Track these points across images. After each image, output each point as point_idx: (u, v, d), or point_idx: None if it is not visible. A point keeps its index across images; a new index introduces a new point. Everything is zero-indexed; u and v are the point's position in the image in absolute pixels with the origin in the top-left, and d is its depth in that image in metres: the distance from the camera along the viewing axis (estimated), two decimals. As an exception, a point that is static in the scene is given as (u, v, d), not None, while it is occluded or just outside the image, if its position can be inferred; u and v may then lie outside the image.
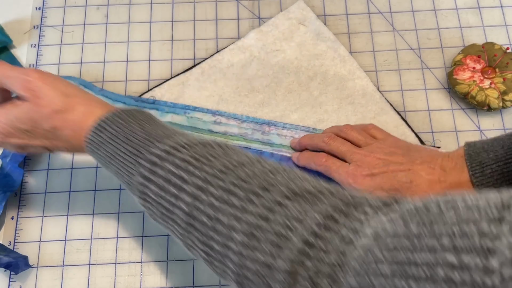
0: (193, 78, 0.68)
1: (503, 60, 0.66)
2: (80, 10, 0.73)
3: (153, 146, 0.43)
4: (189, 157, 0.41)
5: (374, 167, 0.53)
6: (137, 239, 0.61)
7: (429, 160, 0.52)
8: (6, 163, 0.64)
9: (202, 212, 0.39)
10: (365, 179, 0.53)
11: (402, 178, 0.52)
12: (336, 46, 0.69)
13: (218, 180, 0.39)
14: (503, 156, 0.49)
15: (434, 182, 0.51)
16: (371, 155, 0.54)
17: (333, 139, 0.58)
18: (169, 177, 0.41)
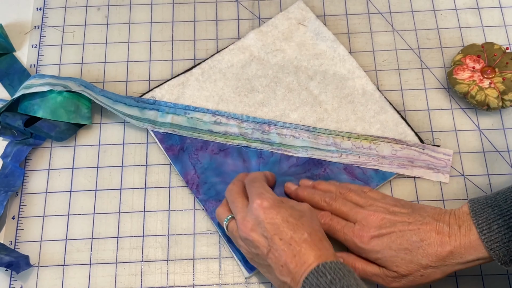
0: (193, 78, 0.68)
1: (502, 60, 0.66)
2: (81, 10, 0.74)
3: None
4: None
5: (381, 227, 0.53)
6: (138, 238, 0.61)
7: (436, 219, 0.53)
8: (7, 163, 0.64)
9: None
10: (372, 240, 0.53)
11: (412, 238, 0.52)
12: (335, 45, 0.69)
13: None
14: (507, 210, 0.50)
15: (445, 242, 0.51)
16: (375, 215, 0.54)
17: (335, 199, 0.57)
18: None
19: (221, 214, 0.57)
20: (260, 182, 0.56)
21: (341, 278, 0.47)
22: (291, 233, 0.50)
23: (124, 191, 0.64)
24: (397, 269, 0.52)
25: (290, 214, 0.52)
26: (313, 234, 0.51)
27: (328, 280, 0.47)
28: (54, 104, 0.63)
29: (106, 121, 0.67)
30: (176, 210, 0.63)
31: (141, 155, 0.65)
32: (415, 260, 0.52)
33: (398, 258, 0.52)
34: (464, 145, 0.65)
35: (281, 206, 0.52)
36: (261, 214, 0.51)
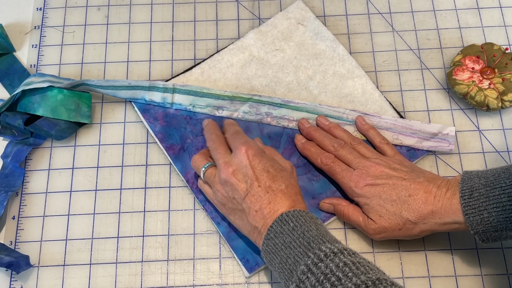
0: (193, 78, 0.68)
1: (502, 61, 0.66)
2: (81, 10, 0.74)
3: (323, 244, 0.48)
4: (350, 262, 0.46)
5: (377, 178, 0.57)
6: (138, 238, 0.61)
7: (429, 180, 0.56)
8: (8, 163, 0.64)
9: None
10: (366, 186, 0.57)
11: (401, 192, 0.56)
12: (335, 45, 0.69)
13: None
14: (491, 182, 0.52)
15: (430, 201, 0.55)
16: (376, 166, 0.58)
17: (343, 147, 0.61)
18: (328, 275, 0.45)
19: (198, 161, 0.59)
20: (243, 134, 0.60)
21: (302, 224, 0.50)
22: (269, 182, 0.53)
23: (124, 191, 0.64)
24: (380, 219, 0.56)
25: (272, 165, 0.55)
26: (290, 187, 0.54)
27: (291, 227, 0.50)
28: (54, 103, 0.63)
29: (106, 121, 0.67)
30: (176, 210, 0.63)
31: (141, 155, 0.65)
32: (398, 212, 0.55)
33: (383, 208, 0.56)
34: (464, 146, 0.65)
35: (264, 156, 0.56)
36: (244, 159, 0.54)
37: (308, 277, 0.46)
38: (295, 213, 0.51)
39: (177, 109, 0.66)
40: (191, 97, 0.66)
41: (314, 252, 0.47)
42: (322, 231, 0.50)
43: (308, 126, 0.64)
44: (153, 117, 0.66)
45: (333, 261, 0.46)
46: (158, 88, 0.66)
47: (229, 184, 0.54)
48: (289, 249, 0.49)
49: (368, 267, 0.46)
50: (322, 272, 0.45)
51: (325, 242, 0.48)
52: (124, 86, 0.66)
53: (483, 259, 0.60)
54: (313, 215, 0.52)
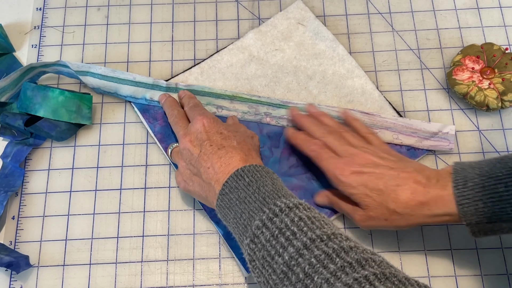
0: (192, 78, 0.68)
1: (502, 61, 0.66)
2: (81, 10, 0.74)
3: (278, 199, 0.47)
4: (305, 216, 0.45)
5: (364, 166, 0.55)
6: (137, 238, 0.61)
7: (418, 171, 0.54)
8: (7, 163, 0.64)
9: (300, 267, 0.42)
10: (352, 175, 0.55)
11: (389, 181, 0.54)
12: (334, 45, 0.69)
13: (322, 243, 0.43)
14: (487, 172, 0.51)
15: (419, 192, 0.53)
16: (362, 154, 0.56)
17: (331, 133, 0.59)
18: (283, 229, 0.45)
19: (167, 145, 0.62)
20: (201, 107, 0.62)
21: (257, 179, 0.50)
22: (221, 141, 0.54)
23: (124, 191, 0.64)
24: (366, 208, 0.55)
25: (226, 128, 0.57)
26: (243, 144, 0.55)
27: (246, 183, 0.50)
28: (55, 104, 0.63)
29: (106, 121, 0.67)
30: (176, 210, 0.63)
31: (141, 155, 0.65)
32: (385, 203, 0.53)
33: (370, 198, 0.54)
34: (464, 146, 0.65)
35: (220, 122, 0.58)
36: (200, 127, 0.56)
37: (263, 232, 0.46)
38: (250, 168, 0.51)
39: (177, 109, 0.66)
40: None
41: (269, 207, 0.47)
42: (277, 186, 0.49)
43: (297, 114, 0.64)
44: (153, 117, 0.66)
45: (288, 215, 0.45)
46: (161, 87, 0.66)
47: (186, 150, 0.56)
48: (244, 204, 0.48)
49: (323, 221, 0.46)
50: (277, 227, 0.45)
51: (280, 197, 0.48)
52: (128, 80, 0.66)
53: (483, 259, 0.60)
54: (269, 170, 0.52)
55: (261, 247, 0.45)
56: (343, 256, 0.42)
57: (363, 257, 0.42)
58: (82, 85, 0.69)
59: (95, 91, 0.68)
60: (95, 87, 0.67)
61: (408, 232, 0.61)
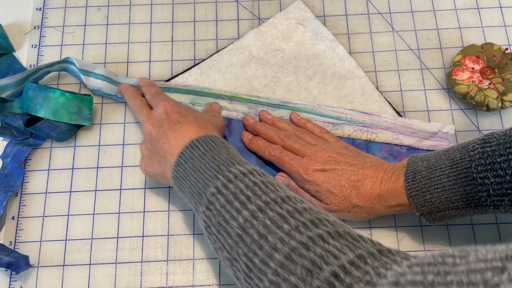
0: (192, 78, 0.68)
1: (502, 61, 0.66)
2: (81, 11, 0.74)
3: (233, 166, 0.48)
4: (260, 181, 0.46)
5: (325, 163, 0.58)
6: (137, 239, 0.61)
7: (377, 165, 0.57)
8: (7, 163, 0.64)
9: (255, 229, 0.43)
10: (315, 173, 0.58)
11: (350, 177, 0.57)
12: (334, 45, 0.69)
13: (277, 206, 0.44)
14: (433, 164, 0.54)
15: (376, 185, 0.56)
16: (323, 152, 0.59)
17: (289, 137, 0.62)
18: (237, 194, 0.46)
19: None
20: (164, 94, 0.63)
21: (212, 148, 0.51)
22: (179, 118, 0.56)
23: (124, 192, 0.64)
24: (330, 203, 0.57)
25: (186, 109, 0.58)
26: (199, 119, 0.56)
27: (201, 152, 0.51)
28: (56, 105, 0.63)
29: (106, 121, 0.67)
30: (176, 210, 0.63)
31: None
32: (347, 197, 0.56)
33: (333, 194, 0.57)
34: (464, 146, 0.65)
35: (181, 105, 0.59)
36: (161, 110, 0.57)
37: (218, 198, 0.46)
38: (206, 138, 0.52)
39: (177, 109, 0.66)
40: (191, 96, 0.66)
41: (223, 174, 0.48)
42: (232, 154, 0.50)
43: (253, 122, 0.65)
44: (153, 117, 0.66)
45: (242, 181, 0.46)
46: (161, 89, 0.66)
47: (147, 134, 0.57)
48: (199, 173, 0.49)
49: (277, 186, 0.47)
50: (231, 192, 0.46)
51: (235, 164, 0.48)
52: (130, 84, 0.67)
53: (483, 259, 0.60)
54: (224, 141, 0.53)
55: (216, 213, 0.46)
56: (297, 217, 0.43)
57: (317, 218, 0.43)
58: (82, 86, 0.69)
59: (94, 93, 0.68)
60: (96, 89, 0.67)
61: (408, 232, 0.61)
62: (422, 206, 0.54)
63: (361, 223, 0.62)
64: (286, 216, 0.43)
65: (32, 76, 0.66)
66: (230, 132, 0.65)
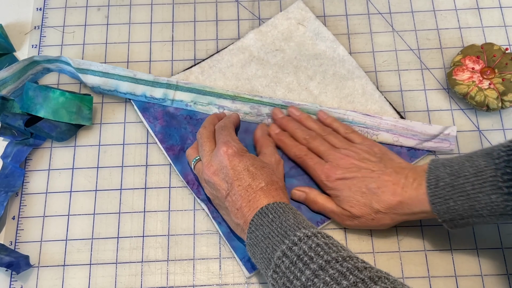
0: (193, 77, 0.68)
1: (502, 61, 0.66)
2: (81, 11, 0.74)
3: (298, 230, 0.49)
4: (323, 243, 0.47)
5: (347, 171, 0.58)
6: (138, 239, 0.61)
7: (397, 171, 0.57)
8: (8, 163, 0.64)
9: (316, 286, 0.44)
10: (336, 181, 0.58)
11: (370, 184, 0.57)
12: (335, 46, 0.69)
13: (337, 264, 0.45)
14: (456, 171, 0.53)
15: (398, 192, 0.55)
16: (346, 158, 0.59)
17: (314, 138, 0.62)
18: (301, 255, 0.47)
19: (190, 155, 0.61)
20: (228, 130, 0.60)
21: (280, 215, 0.52)
22: (249, 181, 0.55)
23: (124, 191, 0.64)
24: (351, 209, 0.57)
25: (252, 163, 0.56)
26: (271, 184, 0.55)
27: (270, 219, 0.51)
28: (56, 105, 0.63)
29: (106, 121, 0.67)
30: (176, 210, 0.63)
31: (141, 155, 0.65)
32: (368, 204, 0.56)
33: (354, 199, 0.57)
34: (464, 146, 0.65)
35: (245, 155, 0.57)
36: (225, 160, 0.56)
37: (283, 260, 0.48)
38: (274, 205, 0.53)
39: (177, 108, 0.66)
40: (193, 94, 0.66)
41: (289, 238, 0.49)
42: (299, 219, 0.51)
43: (281, 117, 0.65)
44: (153, 116, 0.66)
45: (306, 243, 0.47)
46: (162, 84, 0.66)
47: (211, 183, 0.57)
48: (268, 239, 0.50)
49: (340, 247, 0.48)
50: (295, 254, 0.47)
51: (301, 228, 0.49)
52: (128, 77, 0.66)
53: (483, 259, 0.60)
54: (292, 207, 0.54)
55: (282, 275, 0.47)
56: (356, 274, 0.43)
57: (376, 275, 0.43)
58: (82, 86, 0.69)
59: (94, 91, 0.68)
60: (95, 86, 0.67)
61: (408, 232, 0.61)
62: (445, 213, 0.53)
63: (361, 223, 0.62)
64: (345, 274, 0.44)
65: (29, 69, 0.66)
66: None
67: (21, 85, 0.66)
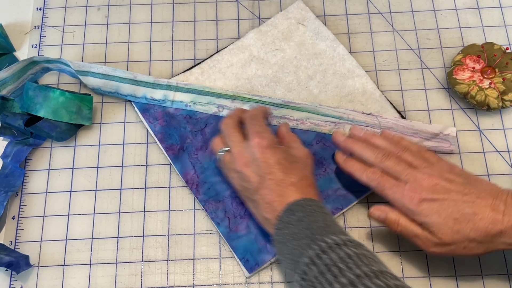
0: (193, 78, 0.68)
1: (502, 60, 0.66)
2: (81, 10, 0.74)
3: (327, 236, 0.48)
4: (353, 253, 0.46)
5: (433, 192, 0.52)
6: (138, 238, 0.61)
7: (494, 196, 0.51)
8: (7, 163, 0.64)
9: None
10: (422, 203, 0.52)
11: (464, 209, 0.51)
12: (335, 45, 0.69)
13: (368, 281, 0.43)
14: None
15: (498, 220, 0.50)
16: (429, 178, 0.53)
17: (388, 157, 0.56)
18: (330, 266, 0.45)
19: (216, 145, 0.59)
20: (260, 121, 0.58)
21: (308, 215, 0.50)
22: (281, 175, 0.53)
23: (124, 191, 0.64)
24: (442, 236, 0.51)
25: (284, 157, 0.54)
26: (302, 180, 0.54)
27: (298, 218, 0.50)
28: (56, 105, 0.63)
29: (106, 121, 0.67)
30: (176, 210, 0.63)
31: (141, 155, 0.65)
32: (462, 231, 0.50)
33: (445, 226, 0.51)
34: (464, 145, 0.65)
35: (277, 148, 0.55)
36: (257, 152, 0.54)
37: (311, 268, 0.46)
38: (302, 202, 0.51)
39: (177, 109, 0.66)
40: (193, 95, 0.66)
41: (318, 244, 0.47)
42: (328, 222, 0.50)
43: (344, 140, 0.60)
44: (153, 117, 0.66)
45: (336, 252, 0.46)
46: (162, 86, 0.66)
47: (242, 175, 0.55)
48: (296, 240, 0.49)
49: (371, 259, 0.46)
50: (324, 263, 0.46)
51: (330, 233, 0.48)
52: (129, 79, 0.66)
53: (483, 259, 0.60)
54: (321, 204, 0.52)
55: (310, 284, 0.46)
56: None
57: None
58: (82, 85, 0.69)
59: (95, 92, 0.68)
60: (95, 87, 0.67)
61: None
62: None
63: (362, 223, 0.61)
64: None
65: (29, 69, 0.66)
66: None
67: (21, 85, 0.66)
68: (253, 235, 0.60)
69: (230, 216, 0.61)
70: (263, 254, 0.59)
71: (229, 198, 0.62)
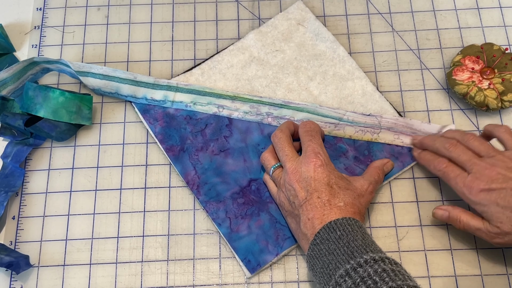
0: (193, 79, 0.68)
1: (502, 61, 0.66)
2: (81, 10, 0.74)
3: (366, 253, 0.48)
4: (389, 269, 0.46)
5: (492, 181, 0.53)
6: (138, 238, 0.61)
7: None
8: (8, 163, 0.64)
9: None
10: (480, 193, 0.53)
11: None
12: (335, 46, 0.69)
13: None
14: None
15: None
16: (491, 168, 0.54)
17: (455, 146, 0.57)
18: (365, 278, 0.46)
19: (267, 160, 0.60)
20: (317, 137, 0.59)
21: (348, 233, 0.50)
22: (329, 197, 0.54)
23: (124, 191, 0.64)
24: (501, 225, 0.52)
25: (336, 182, 0.55)
26: (349, 206, 0.54)
27: (337, 236, 0.50)
28: (55, 105, 0.63)
29: (106, 121, 0.67)
30: (176, 210, 0.63)
31: (141, 155, 0.65)
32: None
33: (504, 215, 0.52)
34: (464, 146, 0.65)
35: (332, 171, 0.56)
36: (311, 170, 0.55)
37: (346, 280, 0.47)
38: (343, 221, 0.51)
39: (177, 109, 0.66)
40: (193, 95, 0.66)
41: (355, 259, 0.48)
42: (367, 241, 0.50)
43: (420, 138, 0.63)
44: (153, 118, 0.66)
45: (372, 267, 0.47)
46: (162, 86, 0.66)
47: (291, 189, 0.56)
48: (333, 255, 0.49)
49: (407, 276, 0.46)
50: (359, 276, 0.46)
51: (368, 251, 0.49)
52: (129, 80, 0.66)
53: (483, 259, 0.60)
54: (361, 224, 0.52)
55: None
56: None
57: None
58: (82, 85, 0.69)
59: (95, 92, 0.68)
60: (96, 88, 0.67)
61: (408, 231, 0.61)
62: None
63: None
64: None
65: (29, 69, 0.66)
66: (230, 133, 0.65)
67: (21, 85, 0.66)
68: (254, 235, 0.60)
69: (231, 216, 0.61)
70: (264, 255, 0.59)
71: (230, 199, 0.62)
